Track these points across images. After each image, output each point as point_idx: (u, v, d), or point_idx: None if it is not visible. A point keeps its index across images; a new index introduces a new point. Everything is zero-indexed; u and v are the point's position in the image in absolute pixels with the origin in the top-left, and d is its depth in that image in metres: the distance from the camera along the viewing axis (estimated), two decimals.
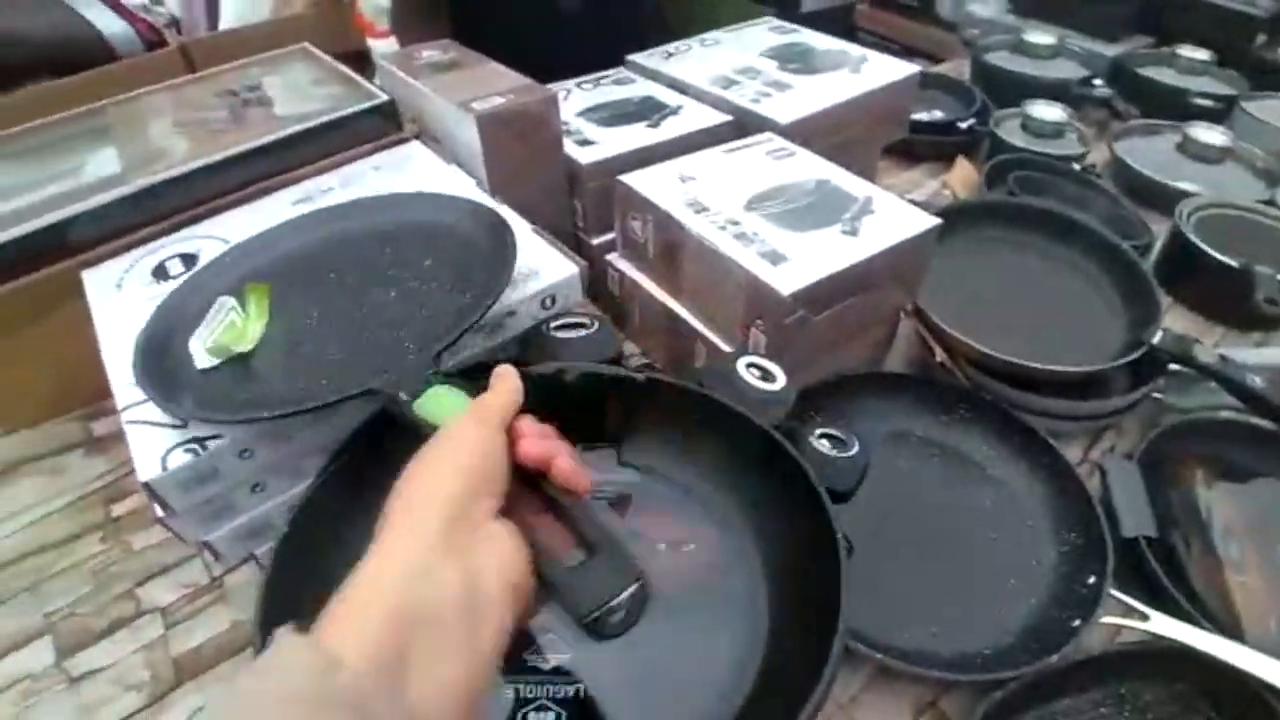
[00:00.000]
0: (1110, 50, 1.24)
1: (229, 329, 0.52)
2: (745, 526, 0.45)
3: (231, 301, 0.53)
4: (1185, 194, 0.89)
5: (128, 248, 0.62)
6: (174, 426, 0.47)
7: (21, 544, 0.63)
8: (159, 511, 0.47)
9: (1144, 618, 0.52)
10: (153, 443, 0.46)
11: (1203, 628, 0.51)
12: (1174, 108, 1.09)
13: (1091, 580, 0.54)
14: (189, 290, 0.55)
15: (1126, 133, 1.06)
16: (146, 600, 0.59)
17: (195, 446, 0.46)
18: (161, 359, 0.50)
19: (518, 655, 0.39)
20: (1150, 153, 1.00)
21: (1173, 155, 1.00)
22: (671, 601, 0.42)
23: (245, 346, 0.50)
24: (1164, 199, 0.91)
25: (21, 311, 0.64)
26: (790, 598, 0.41)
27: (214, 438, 0.46)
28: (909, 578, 0.58)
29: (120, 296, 0.58)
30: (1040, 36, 1.21)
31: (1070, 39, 1.26)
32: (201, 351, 0.50)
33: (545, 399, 0.39)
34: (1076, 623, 0.52)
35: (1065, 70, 1.18)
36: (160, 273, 0.59)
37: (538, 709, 0.37)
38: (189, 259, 0.60)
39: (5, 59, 0.79)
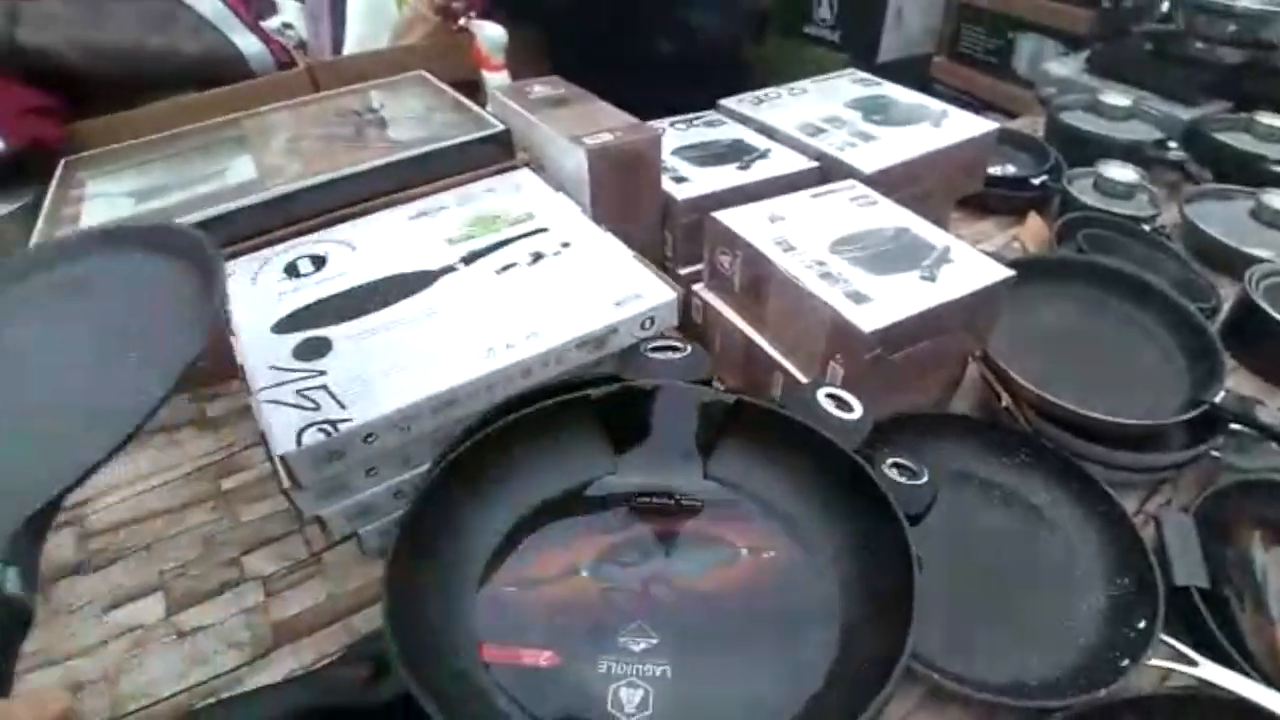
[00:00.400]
0: (1186, 114, 1.26)
1: None
2: (821, 540, 0.49)
3: None
4: (1256, 259, 0.91)
5: (262, 246, 0.69)
6: (308, 408, 0.53)
7: (140, 508, 0.70)
8: (285, 483, 0.53)
9: (1193, 664, 0.54)
10: (288, 421, 0.52)
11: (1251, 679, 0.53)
12: (1248, 173, 1.10)
13: (1141, 624, 0.57)
14: None
15: (1199, 196, 1.07)
16: (250, 568, 0.65)
17: (327, 427, 0.51)
18: None
19: (613, 636, 0.43)
20: (1222, 217, 1.02)
21: (1245, 220, 1.02)
22: (751, 601, 0.46)
23: None
24: (1233, 263, 0.93)
25: None
26: (861, 607, 0.45)
27: (345, 421, 0.52)
28: (964, 608, 0.60)
29: (255, 290, 0.65)
30: (1116, 98, 1.23)
31: (1146, 101, 1.28)
32: None
33: (643, 411, 0.43)
34: (1125, 663, 0.54)
35: (1139, 132, 1.20)
36: (292, 270, 0.66)
37: (628, 685, 0.41)
38: (318, 260, 0.67)
39: (164, 72, 0.88)
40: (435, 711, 0.36)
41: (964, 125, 0.92)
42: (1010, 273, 0.65)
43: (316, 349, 0.57)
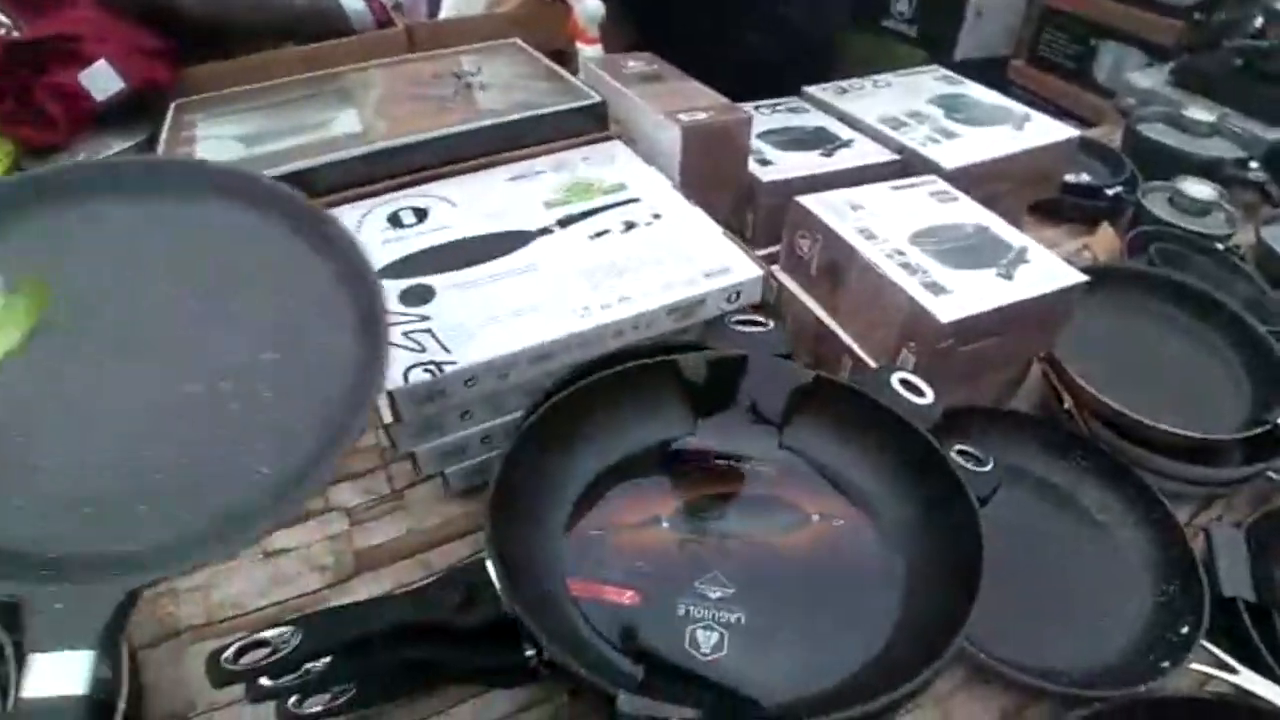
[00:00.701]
0: (1271, 134, 1.24)
1: None
2: (891, 514, 0.51)
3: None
4: None
5: (366, 196, 0.73)
6: (414, 349, 0.56)
7: None
8: (387, 418, 0.57)
9: (1233, 671, 0.56)
10: (397, 359, 0.55)
11: None
12: None
13: (1185, 630, 0.58)
14: None
15: (1277, 218, 1.06)
16: (335, 499, 0.69)
17: (432, 368, 0.55)
18: None
19: (691, 582, 0.47)
20: None
21: None
22: (820, 563, 0.49)
23: None
24: None
25: None
26: (925, 580, 0.48)
27: (449, 363, 0.55)
28: (1012, 598, 0.62)
29: (360, 236, 0.68)
30: (1199, 113, 1.22)
31: (1230, 118, 1.26)
32: None
33: (728, 380, 0.46)
34: (1166, 664, 0.56)
35: (1220, 149, 1.18)
36: (395, 220, 0.70)
37: (704, 628, 0.45)
38: (420, 212, 0.70)
39: (271, 22, 0.92)
40: (533, 628, 0.39)
41: (1045, 130, 0.92)
42: (1084, 278, 0.67)
43: (421, 296, 0.61)
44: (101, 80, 0.78)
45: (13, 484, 0.42)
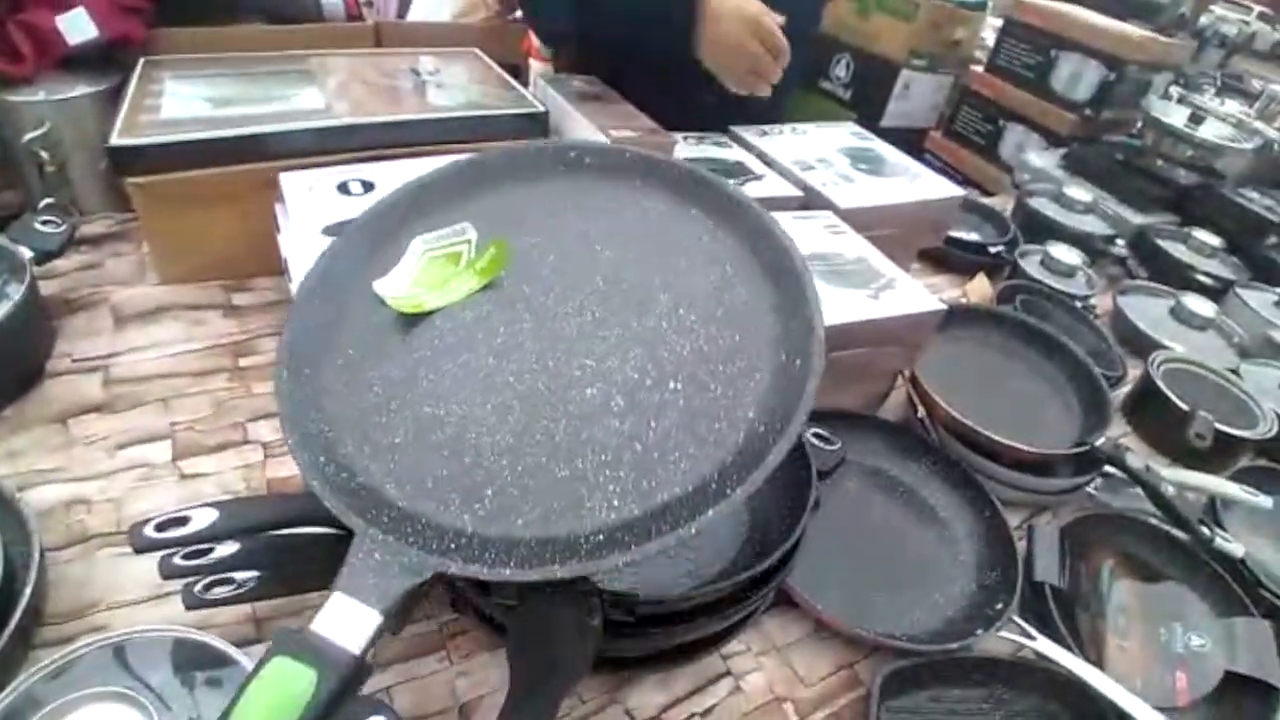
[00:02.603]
0: (1137, 218, 1.41)
1: (444, 259, 0.52)
2: None
3: (472, 233, 0.54)
4: (1163, 347, 1.05)
5: (319, 165, 0.79)
6: None
7: (162, 367, 0.78)
8: None
9: (1032, 638, 0.66)
10: None
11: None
12: (1178, 278, 1.26)
13: (999, 606, 0.68)
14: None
15: (1132, 289, 1.22)
16: (253, 434, 0.74)
17: None
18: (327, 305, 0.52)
19: None
20: (1146, 309, 1.16)
21: (1164, 316, 1.16)
22: None
23: (427, 297, 0.50)
24: (1147, 349, 1.06)
25: (218, 191, 0.81)
26: (765, 520, 0.56)
27: None
28: (855, 572, 0.72)
29: (310, 197, 0.75)
30: (1079, 192, 1.38)
31: (1105, 201, 1.43)
32: (413, 261, 0.53)
33: None
34: (979, 631, 0.66)
35: (1093, 226, 1.35)
36: (343, 188, 0.77)
37: None
38: (367, 184, 0.77)
39: (245, 1, 0.98)
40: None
41: (934, 186, 1.05)
42: (941, 307, 0.78)
43: None
44: (77, 25, 0.83)
45: (406, 424, 0.45)
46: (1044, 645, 0.65)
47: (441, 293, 0.51)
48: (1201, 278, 1.27)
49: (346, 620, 0.36)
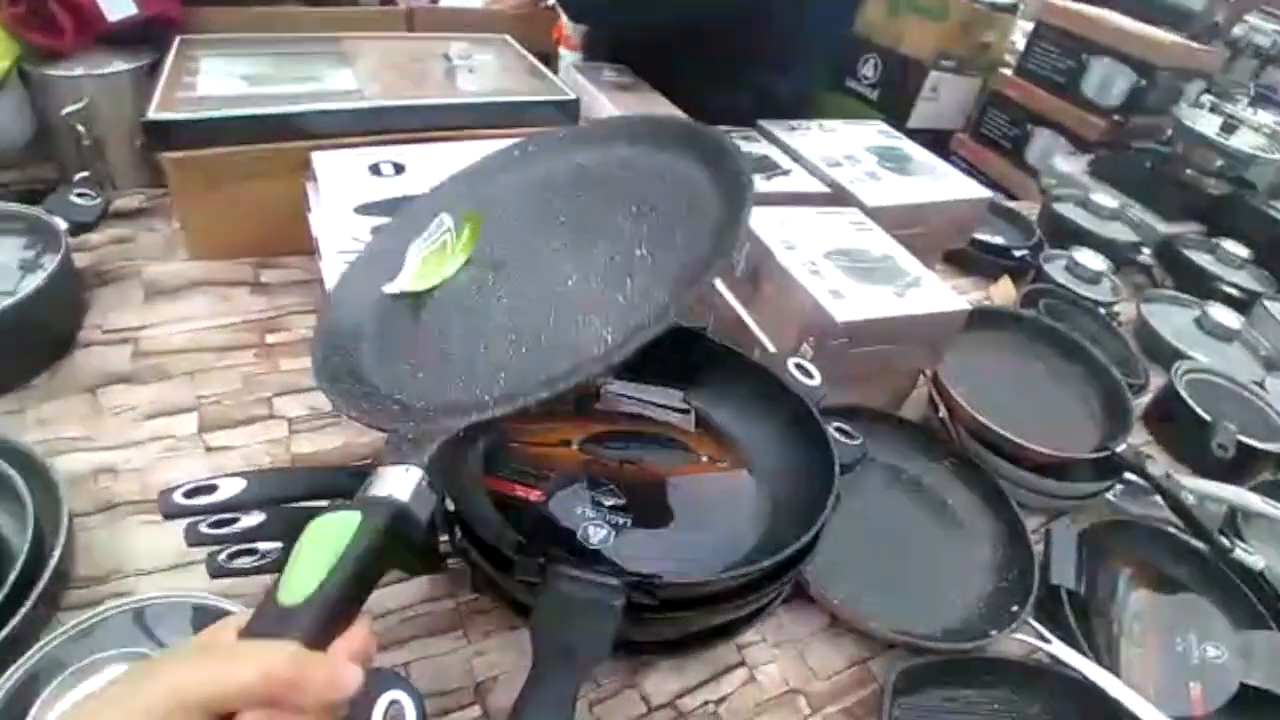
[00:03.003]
0: (1164, 227, 1.40)
1: (435, 253, 0.60)
2: (767, 464, 0.61)
3: (449, 222, 0.61)
4: (1187, 357, 1.04)
5: (352, 145, 0.80)
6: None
7: (191, 341, 0.80)
8: None
9: (1047, 641, 0.65)
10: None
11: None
12: (1203, 288, 1.24)
13: (1014, 608, 0.68)
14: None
15: (1157, 297, 1.21)
16: (279, 409, 0.75)
17: None
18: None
19: (589, 490, 0.55)
20: (1171, 318, 1.15)
21: (1190, 326, 1.15)
22: (703, 492, 0.57)
23: (425, 283, 0.57)
24: (1170, 358, 1.05)
25: (250, 169, 0.81)
26: (784, 514, 0.57)
27: None
28: (871, 569, 0.71)
29: (343, 178, 0.76)
30: (1106, 199, 1.37)
31: (1132, 209, 1.42)
32: (413, 263, 0.60)
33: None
34: (994, 632, 0.66)
35: (1120, 233, 1.33)
36: (375, 169, 0.77)
37: (595, 525, 0.53)
38: (399, 166, 0.78)
39: None
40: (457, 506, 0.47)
41: (961, 187, 1.04)
42: (966, 307, 0.77)
43: None
44: (117, 3, 0.85)
45: (422, 362, 0.52)
46: (1059, 649, 0.65)
47: (439, 272, 0.57)
48: (1228, 289, 1.26)
49: (391, 481, 0.40)
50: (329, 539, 0.36)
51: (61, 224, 0.76)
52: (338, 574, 0.34)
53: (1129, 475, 0.82)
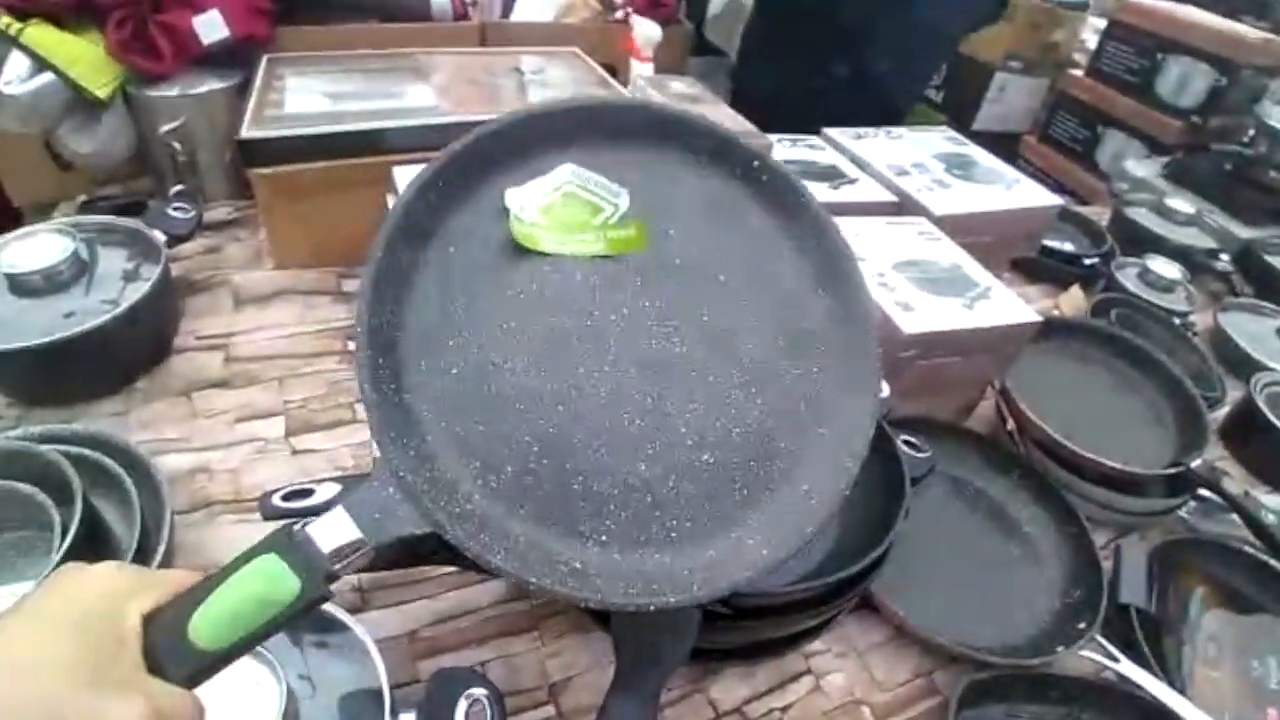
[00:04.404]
0: (1244, 232, 1.35)
1: (575, 205, 0.49)
2: None
3: (624, 201, 0.50)
4: (1268, 369, 1.01)
5: (428, 160, 0.83)
6: None
7: (278, 348, 0.84)
8: None
9: (1115, 660, 0.65)
10: None
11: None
12: None
13: (1082, 625, 0.67)
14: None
15: (1235, 307, 1.17)
16: (361, 413, 0.77)
17: None
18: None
19: None
20: (1250, 328, 1.12)
21: (1270, 336, 1.11)
22: None
23: (550, 246, 0.47)
24: (1248, 369, 1.02)
25: (334, 183, 0.85)
26: (855, 524, 0.57)
27: None
28: (937, 581, 0.72)
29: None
30: (1182, 204, 1.33)
31: (1209, 214, 1.37)
32: (518, 204, 0.48)
33: None
34: (1060, 649, 0.65)
35: (1196, 239, 1.29)
36: None
37: None
38: None
39: (360, 2, 1.03)
40: None
41: (1031, 195, 1.03)
42: (1036, 318, 0.77)
43: None
44: (211, 27, 0.89)
45: (468, 360, 0.44)
46: (1128, 668, 0.64)
47: (563, 238, 0.48)
48: None
49: (341, 539, 0.37)
50: (265, 593, 0.35)
51: (160, 236, 0.81)
52: (260, 633, 0.34)
53: (1204, 492, 0.80)
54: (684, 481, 0.44)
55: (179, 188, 0.89)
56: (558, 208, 0.49)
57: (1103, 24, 2.03)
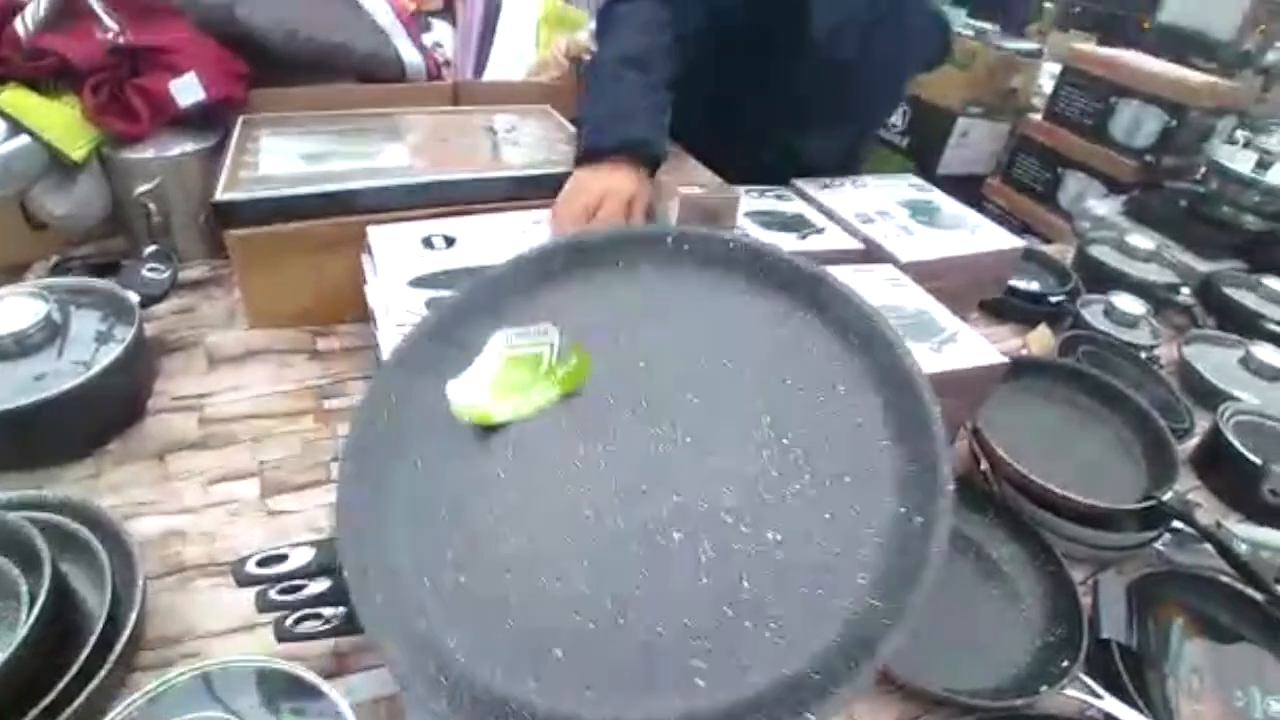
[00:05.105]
0: (1202, 266, 1.40)
1: (524, 360, 0.48)
2: None
3: (554, 335, 0.49)
4: (1233, 399, 1.03)
5: (404, 220, 0.84)
6: None
7: (252, 408, 0.83)
8: None
9: (1099, 697, 0.65)
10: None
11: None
12: (1246, 327, 1.24)
13: (1064, 664, 0.67)
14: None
15: (1198, 338, 1.20)
16: (337, 473, 0.77)
17: None
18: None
19: None
20: (1214, 359, 1.14)
21: (1233, 366, 1.14)
22: None
23: (501, 405, 0.46)
24: (1215, 400, 1.04)
25: (309, 243, 0.86)
26: None
27: None
28: (922, 627, 0.71)
29: (396, 251, 0.80)
30: (1142, 240, 1.37)
31: (1169, 249, 1.42)
32: (461, 395, 0.47)
33: None
34: (1044, 688, 0.65)
35: (1157, 274, 1.33)
36: (428, 242, 0.81)
37: None
38: (449, 239, 0.82)
39: (337, 62, 1.05)
40: None
41: (995, 238, 1.06)
42: (1003, 360, 0.78)
43: None
44: (188, 90, 0.91)
45: (471, 561, 0.42)
46: (1112, 705, 0.64)
47: (518, 400, 0.47)
48: (1272, 326, 1.24)
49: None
50: None
51: (134, 297, 0.81)
52: None
53: (1177, 524, 0.81)
54: (757, 573, 0.41)
55: (153, 248, 0.89)
56: (502, 376, 0.48)
57: (1057, 69, 2.11)
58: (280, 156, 0.90)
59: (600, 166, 0.86)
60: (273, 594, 0.53)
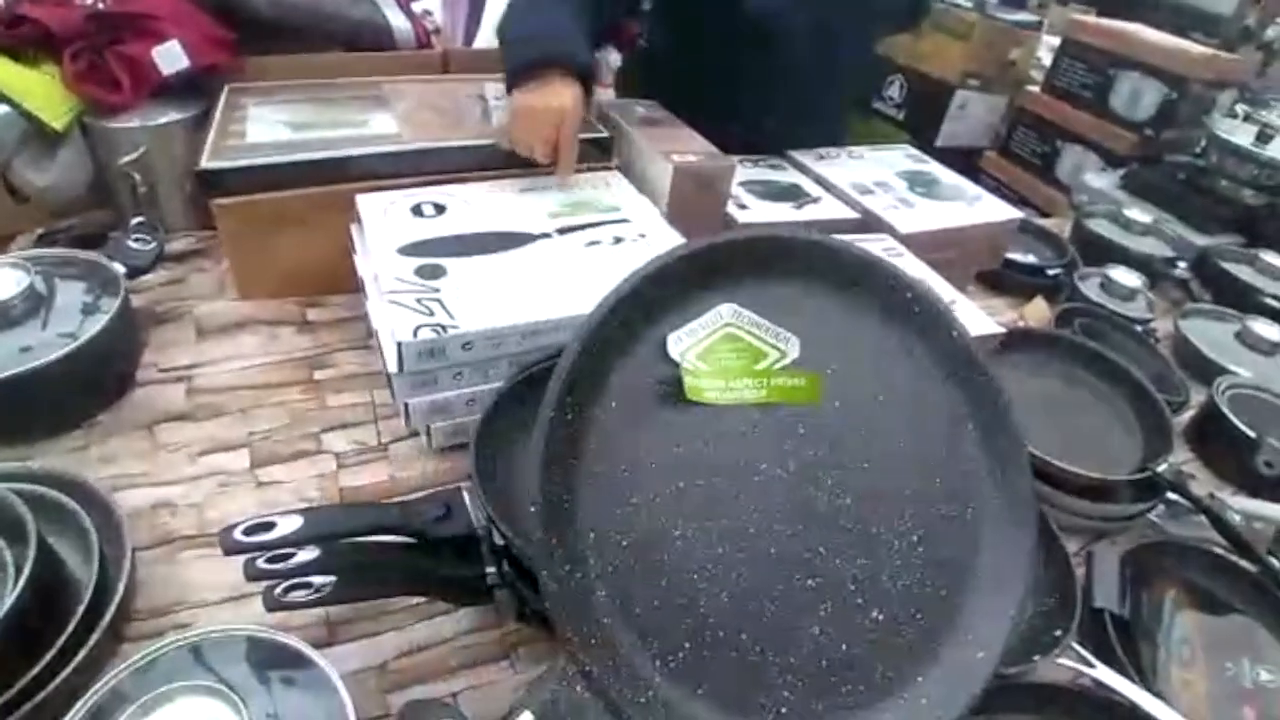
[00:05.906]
0: (1200, 240, 1.39)
1: (737, 349, 0.48)
2: None
3: (794, 350, 0.48)
4: (1228, 372, 1.03)
5: (393, 188, 0.83)
6: (424, 313, 0.66)
7: (241, 379, 0.82)
8: (391, 368, 0.66)
9: (1091, 665, 0.65)
10: (407, 318, 0.65)
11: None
12: (1243, 301, 1.23)
13: (1057, 633, 0.67)
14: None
15: (1194, 313, 1.19)
16: (327, 444, 0.77)
17: (438, 329, 0.65)
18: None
19: None
20: (1210, 333, 1.14)
21: (1230, 340, 1.13)
22: None
23: (709, 395, 0.46)
24: (1210, 373, 1.04)
25: (296, 212, 0.84)
26: None
27: (452, 327, 0.65)
28: None
29: (386, 219, 0.79)
30: (1139, 214, 1.36)
31: (1166, 223, 1.41)
32: (680, 350, 0.46)
33: None
34: (1037, 657, 0.65)
35: (1154, 248, 1.32)
36: (417, 210, 0.80)
37: None
38: (439, 207, 0.81)
39: (326, 30, 1.03)
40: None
41: (993, 210, 1.05)
42: (998, 330, 0.78)
43: (434, 272, 0.71)
44: (171, 58, 0.89)
45: (638, 527, 0.44)
46: (1104, 674, 0.64)
47: (724, 386, 0.47)
48: (1269, 300, 1.24)
49: None
50: None
51: (120, 269, 0.80)
52: None
53: (1171, 495, 0.81)
54: (856, 643, 0.45)
55: (139, 219, 0.88)
56: (718, 352, 0.47)
57: (1057, 42, 2.08)
58: (267, 125, 0.88)
59: (537, 84, 0.83)
60: (261, 562, 0.53)
